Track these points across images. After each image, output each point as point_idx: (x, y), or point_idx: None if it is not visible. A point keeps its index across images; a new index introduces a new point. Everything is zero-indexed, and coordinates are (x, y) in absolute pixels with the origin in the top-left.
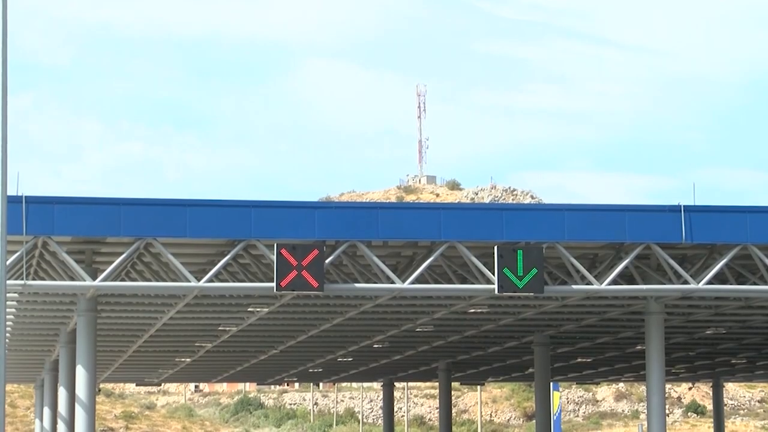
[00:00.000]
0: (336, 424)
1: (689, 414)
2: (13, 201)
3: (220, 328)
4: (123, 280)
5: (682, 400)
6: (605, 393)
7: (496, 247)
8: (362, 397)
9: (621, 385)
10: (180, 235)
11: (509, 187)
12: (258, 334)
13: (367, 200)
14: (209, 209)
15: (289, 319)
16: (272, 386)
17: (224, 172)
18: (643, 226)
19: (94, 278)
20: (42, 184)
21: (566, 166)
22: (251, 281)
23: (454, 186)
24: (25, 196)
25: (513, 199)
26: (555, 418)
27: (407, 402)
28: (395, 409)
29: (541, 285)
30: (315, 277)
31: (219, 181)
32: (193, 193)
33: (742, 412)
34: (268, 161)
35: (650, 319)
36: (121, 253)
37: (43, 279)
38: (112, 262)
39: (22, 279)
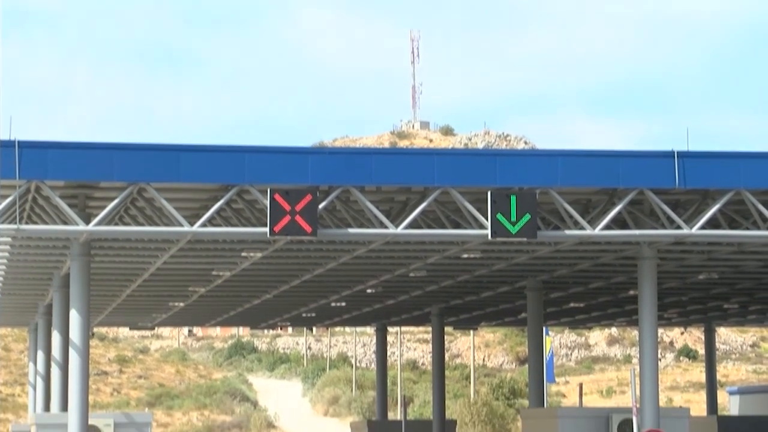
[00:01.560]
0: (329, 369)
1: (681, 358)
2: (6, 145)
3: (213, 273)
4: (116, 224)
5: (674, 344)
6: (598, 338)
7: (489, 193)
8: (355, 342)
9: (613, 329)
10: (173, 180)
11: (503, 133)
12: (251, 279)
13: (361, 146)
14: (202, 154)
15: (282, 264)
16: (265, 331)
17: (217, 116)
18: (637, 171)
19: (87, 223)
20: (34, 129)
21: (560, 111)
22: (244, 226)
23: (447, 131)
24: (18, 141)
25: (506, 145)
26: (547, 360)
27: (400, 346)
28: (388, 353)
29: (534, 230)
30: (308, 222)
31: (212, 125)
32: (186, 138)
33: (733, 356)
34: (262, 106)
35: (643, 264)
36: (114, 198)
37: (36, 223)
38: (105, 207)
39: (15, 223)
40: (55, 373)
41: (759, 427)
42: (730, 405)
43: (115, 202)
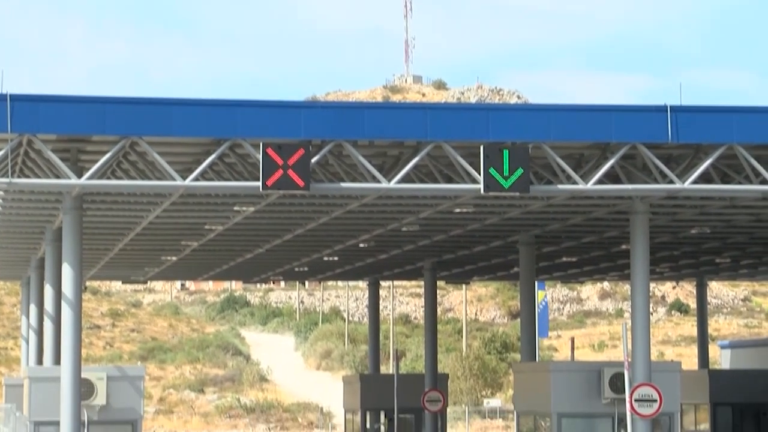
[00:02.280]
0: (321, 323)
1: (673, 312)
2: None
3: (205, 227)
4: (108, 178)
5: (666, 298)
6: (590, 292)
7: (482, 147)
8: (348, 296)
9: (605, 284)
10: (165, 134)
11: (495, 87)
12: (244, 233)
13: (353, 100)
14: (195, 108)
15: (274, 218)
16: (258, 285)
17: (210, 72)
18: (629, 125)
19: (79, 176)
20: (27, 84)
21: (553, 66)
22: (237, 180)
23: (440, 86)
24: (10, 94)
25: (499, 99)
26: (539, 312)
27: (393, 301)
28: (381, 307)
29: (526, 185)
30: (301, 177)
31: (205, 80)
32: (178, 93)
33: (725, 310)
34: (254, 61)
35: (635, 218)
36: (107, 152)
37: (28, 177)
38: (98, 161)
39: (7, 177)
40: (48, 326)
41: (750, 381)
42: (721, 359)
43: (108, 155)
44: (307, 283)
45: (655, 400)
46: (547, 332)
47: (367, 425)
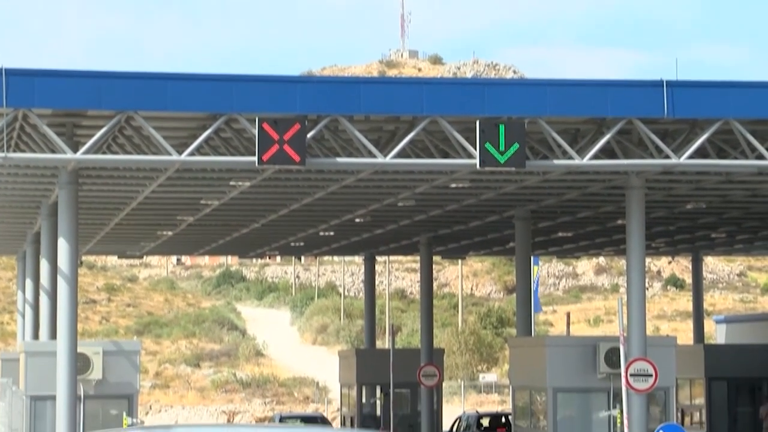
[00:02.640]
0: (317, 298)
1: (668, 287)
2: None
3: (201, 202)
4: (104, 153)
5: (662, 273)
6: (585, 267)
7: (477, 122)
8: (344, 271)
9: (601, 259)
10: (161, 109)
11: (491, 62)
12: (240, 208)
13: (349, 75)
14: (190, 83)
15: (270, 193)
16: (254, 260)
17: (206, 46)
18: (625, 100)
19: (75, 151)
20: (22, 58)
21: (549, 41)
22: (233, 155)
23: (436, 61)
24: (5, 69)
25: (495, 74)
26: (533, 288)
27: (388, 275)
28: (376, 282)
29: (522, 160)
30: (297, 152)
31: (201, 55)
32: (174, 68)
33: (720, 285)
34: (250, 36)
35: (631, 193)
36: (102, 126)
37: (23, 151)
38: (93, 135)
39: (3, 151)
40: (44, 301)
41: (745, 356)
42: (716, 334)
43: (103, 130)
44: (303, 258)
45: (651, 375)
46: (539, 307)
47: (363, 400)
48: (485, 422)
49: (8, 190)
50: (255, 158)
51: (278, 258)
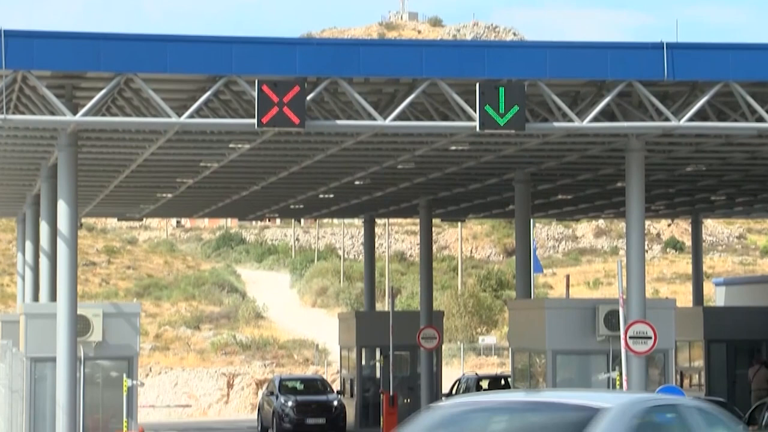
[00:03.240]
0: (317, 260)
1: (668, 250)
2: None
3: (201, 165)
4: (103, 115)
5: (661, 236)
6: (585, 229)
7: (477, 84)
8: (343, 234)
9: (601, 221)
10: (160, 71)
11: (491, 24)
12: (239, 171)
13: (349, 37)
14: (190, 44)
15: (270, 155)
16: (253, 222)
17: (206, 8)
18: (625, 63)
19: (74, 113)
20: (21, 20)
21: (549, 3)
22: (232, 117)
23: (436, 23)
24: (4, 30)
25: (495, 37)
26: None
27: (388, 238)
28: (376, 245)
29: (522, 122)
30: (296, 114)
31: (200, 17)
32: (173, 30)
33: (720, 248)
34: None
35: (631, 156)
36: (102, 89)
37: (23, 113)
38: (93, 98)
39: (2, 113)
40: (44, 263)
41: (744, 318)
42: (716, 296)
43: (103, 92)
44: (302, 220)
45: (650, 337)
46: (540, 268)
47: (363, 362)
48: (485, 384)
49: (7, 152)
50: (254, 120)
51: (278, 220)
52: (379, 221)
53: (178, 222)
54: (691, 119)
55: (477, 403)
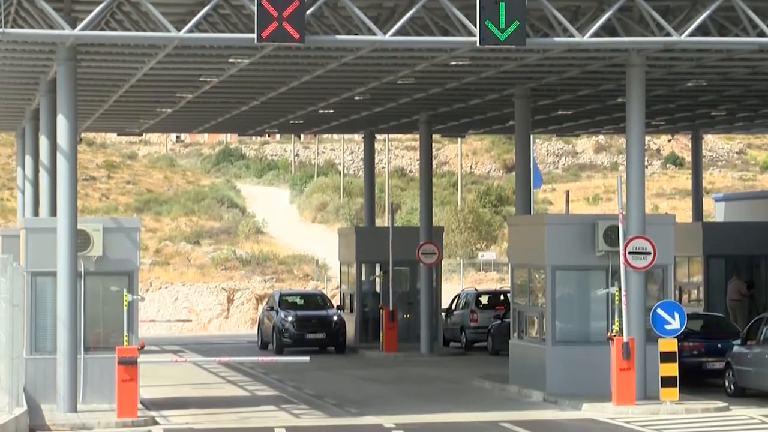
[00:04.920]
0: (317, 176)
1: (668, 165)
2: None
3: (200, 79)
4: (102, 29)
5: (661, 151)
6: (585, 145)
7: None
8: (343, 149)
9: (601, 137)
10: None
11: None
12: (239, 86)
13: None
14: None
15: (269, 70)
16: (253, 137)
17: None
18: None
19: (73, 27)
20: None
21: None
22: (232, 32)
23: None
24: None
25: None
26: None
27: (388, 154)
28: (376, 160)
29: (522, 37)
30: (296, 29)
31: None
32: None
33: (720, 163)
34: None
35: (631, 71)
36: (100, 2)
37: (21, 27)
38: (91, 11)
39: (1, 27)
40: (44, 177)
41: (743, 234)
42: (715, 212)
43: (101, 6)
44: (302, 136)
45: (649, 253)
46: (540, 182)
47: (363, 277)
48: (484, 300)
49: (6, 67)
50: (254, 35)
51: (278, 136)
52: (379, 137)
53: (177, 137)
54: (692, 34)
55: None
